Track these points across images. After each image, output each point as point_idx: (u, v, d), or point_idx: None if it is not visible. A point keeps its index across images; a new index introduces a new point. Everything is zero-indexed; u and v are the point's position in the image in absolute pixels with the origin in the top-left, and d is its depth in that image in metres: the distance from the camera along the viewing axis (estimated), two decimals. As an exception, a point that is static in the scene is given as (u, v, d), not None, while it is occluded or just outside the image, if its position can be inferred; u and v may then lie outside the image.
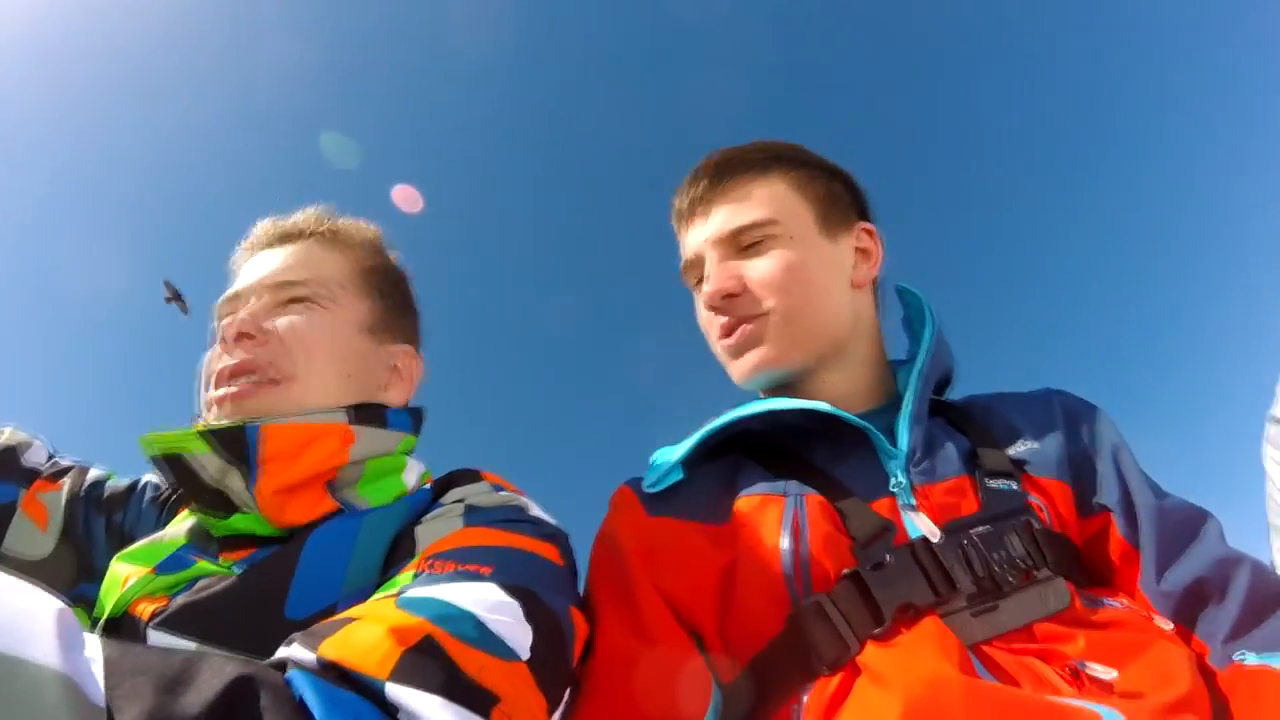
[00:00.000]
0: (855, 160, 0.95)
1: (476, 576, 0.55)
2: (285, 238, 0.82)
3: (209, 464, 0.66)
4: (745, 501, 0.74)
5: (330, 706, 0.40)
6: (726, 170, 0.88)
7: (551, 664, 0.55)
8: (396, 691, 0.43)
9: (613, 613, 0.70)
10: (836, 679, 0.61)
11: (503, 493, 0.71)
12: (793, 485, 0.73)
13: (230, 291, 0.79)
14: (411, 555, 0.61)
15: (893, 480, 0.72)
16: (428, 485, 0.77)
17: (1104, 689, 0.57)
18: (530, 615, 0.54)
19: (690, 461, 0.80)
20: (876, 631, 0.62)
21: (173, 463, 0.67)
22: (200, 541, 0.69)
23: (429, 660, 0.46)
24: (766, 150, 0.90)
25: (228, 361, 0.72)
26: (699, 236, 0.87)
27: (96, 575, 0.71)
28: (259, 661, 0.43)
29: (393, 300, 0.86)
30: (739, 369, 0.85)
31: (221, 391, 0.71)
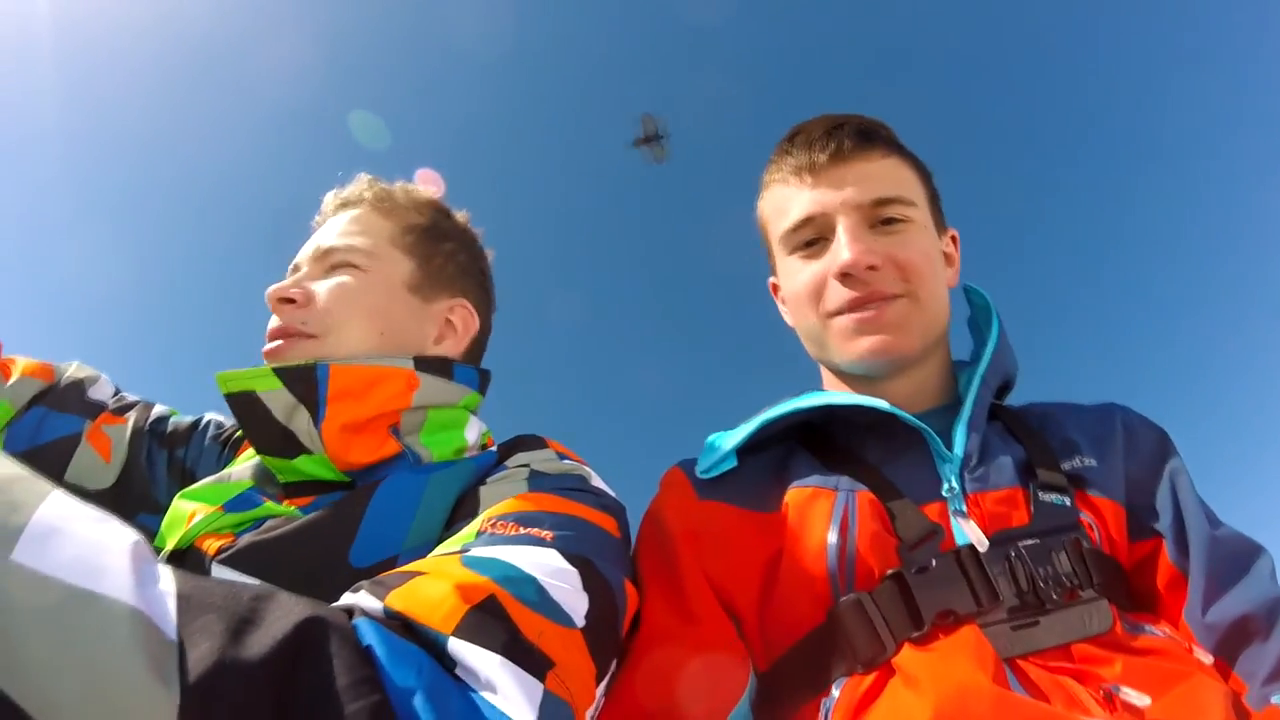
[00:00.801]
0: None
1: (539, 541, 0.56)
2: (343, 206, 0.89)
3: (280, 400, 0.70)
4: (796, 492, 0.74)
5: (395, 656, 0.42)
6: (872, 136, 0.83)
7: (604, 633, 0.57)
8: (458, 647, 0.44)
9: (657, 591, 0.71)
10: (870, 678, 0.62)
11: (567, 461, 0.72)
12: (845, 480, 0.73)
13: (292, 263, 0.86)
14: (474, 514, 0.62)
15: (945, 484, 0.71)
16: (491, 447, 0.79)
17: (1136, 715, 0.57)
18: (587, 584, 0.56)
19: (743, 449, 0.80)
20: (915, 635, 0.63)
21: (245, 401, 0.70)
22: (265, 486, 0.72)
23: (492, 620, 0.47)
24: (890, 131, 0.86)
25: (274, 323, 0.79)
26: (830, 196, 0.81)
27: (157, 508, 0.74)
28: (326, 605, 0.44)
29: (444, 257, 0.88)
30: (855, 348, 0.79)
31: (267, 348, 0.78)
